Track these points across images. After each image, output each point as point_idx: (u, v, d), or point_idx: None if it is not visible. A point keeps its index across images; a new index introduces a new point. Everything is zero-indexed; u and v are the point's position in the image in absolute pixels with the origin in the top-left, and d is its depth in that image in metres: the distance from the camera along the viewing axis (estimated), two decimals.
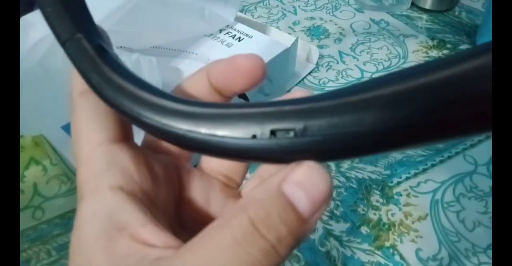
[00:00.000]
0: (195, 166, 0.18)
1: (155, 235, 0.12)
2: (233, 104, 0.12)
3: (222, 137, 0.12)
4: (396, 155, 0.39)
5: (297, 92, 0.14)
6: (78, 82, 0.14)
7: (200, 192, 0.17)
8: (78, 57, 0.14)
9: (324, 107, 0.11)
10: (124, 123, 0.15)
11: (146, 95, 0.13)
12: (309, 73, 0.48)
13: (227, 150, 0.12)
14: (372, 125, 0.11)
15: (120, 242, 0.12)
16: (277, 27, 0.55)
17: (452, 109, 0.10)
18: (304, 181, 0.11)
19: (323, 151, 0.11)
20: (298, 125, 0.11)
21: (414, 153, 0.39)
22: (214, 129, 0.12)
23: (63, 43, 0.15)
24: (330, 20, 0.56)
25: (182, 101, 0.13)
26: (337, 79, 0.47)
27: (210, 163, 0.18)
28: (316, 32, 0.54)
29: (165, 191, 0.15)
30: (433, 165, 0.38)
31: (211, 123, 0.12)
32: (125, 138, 0.15)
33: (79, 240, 0.12)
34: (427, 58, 0.49)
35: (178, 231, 0.15)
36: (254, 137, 0.11)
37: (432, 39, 0.52)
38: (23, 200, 0.36)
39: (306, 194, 0.11)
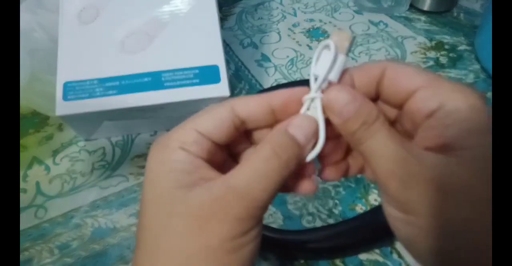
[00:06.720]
0: None
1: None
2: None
3: None
4: None
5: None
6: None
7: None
8: None
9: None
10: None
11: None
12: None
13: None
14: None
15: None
16: (277, 29, 0.56)
17: None
18: (299, 125, 0.19)
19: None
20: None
21: None
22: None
23: None
24: (330, 22, 0.57)
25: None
26: None
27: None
28: (315, 34, 0.55)
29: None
30: None
31: None
32: None
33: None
34: (425, 59, 0.49)
35: None
36: None
37: (431, 40, 0.52)
38: (26, 199, 0.37)
39: (301, 132, 0.19)
